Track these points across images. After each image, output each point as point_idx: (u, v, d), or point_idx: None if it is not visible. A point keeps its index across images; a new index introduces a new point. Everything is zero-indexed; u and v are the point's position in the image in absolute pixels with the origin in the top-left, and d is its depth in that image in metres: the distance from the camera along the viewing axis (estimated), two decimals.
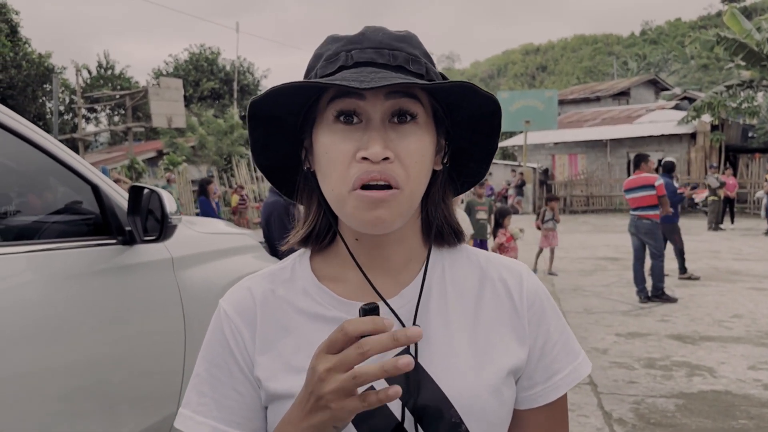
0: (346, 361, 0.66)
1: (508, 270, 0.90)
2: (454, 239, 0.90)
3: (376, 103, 0.77)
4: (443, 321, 0.84)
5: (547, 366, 0.87)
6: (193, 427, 0.84)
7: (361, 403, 0.66)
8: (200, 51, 34.72)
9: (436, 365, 0.80)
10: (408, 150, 0.77)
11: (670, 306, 7.49)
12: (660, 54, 63.46)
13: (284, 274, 0.90)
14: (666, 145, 24.16)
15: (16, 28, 22.55)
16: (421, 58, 0.82)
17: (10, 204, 2.20)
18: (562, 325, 0.90)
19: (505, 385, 0.83)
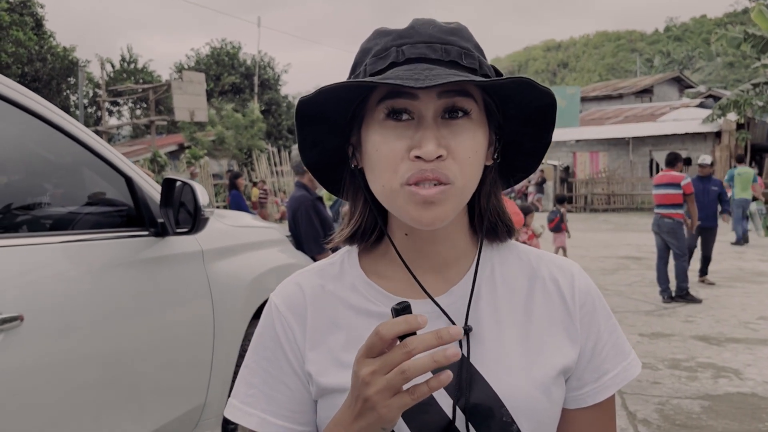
0: (391, 363, 0.66)
1: (559, 268, 0.89)
2: (505, 235, 0.89)
3: (428, 101, 0.76)
4: (494, 319, 0.84)
5: (597, 366, 0.86)
6: (242, 417, 0.85)
7: (410, 396, 0.66)
8: (221, 45, 34.92)
9: (488, 364, 0.80)
10: (461, 146, 0.76)
11: (695, 306, 7.39)
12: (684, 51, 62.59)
13: (333, 270, 0.91)
14: (690, 144, 23.83)
15: (41, 21, 22.85)
16: (474, 52, 0.80)
17: (45, 194, 2.23)
18: (612, 324, 0.89)
19: (556, 385, 0.82)
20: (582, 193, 23.96)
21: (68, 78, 24.56)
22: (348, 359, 0.80)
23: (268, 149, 23.78)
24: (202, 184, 17.24)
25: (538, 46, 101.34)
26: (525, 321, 0.84)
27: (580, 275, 0.89)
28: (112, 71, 30.90)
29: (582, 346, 0.86)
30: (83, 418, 1.96)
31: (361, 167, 0.83)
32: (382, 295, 0.85)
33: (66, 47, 23.94)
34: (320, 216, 3.92)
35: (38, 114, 2.00)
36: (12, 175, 2.16)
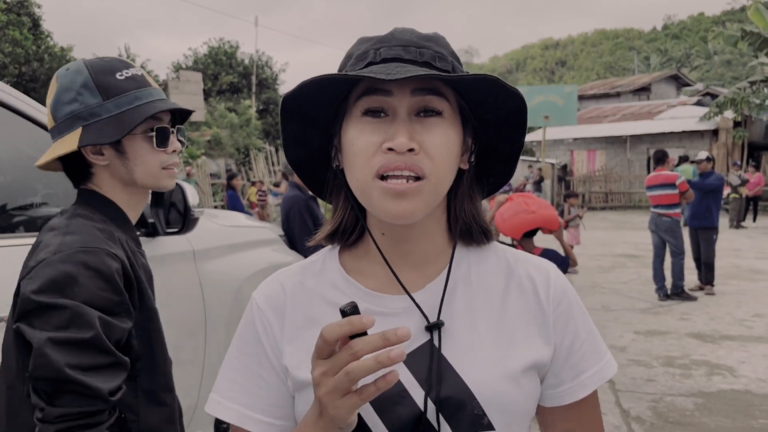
0: (338, 364, 0.67)
1: (536, 268, 0.91)
2: (482, 238, 0.91)
3: (402, 99, 0.79)
4: (468, 315, 0.85)
5: (574, 364, 0.88)
6: (222, 411, 0.87)
7: (359, 397, 0.67)
8: (219, 45, 34.88)
9: (460, 358, 0.82)
10: (433, 141, 0.79)
11: (690, 304, 7.41)
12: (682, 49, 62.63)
13: (314, 267, 0.93)
14: (687, 142, 23.86)
15: (38, 21, 22.83)
16: (448, 57, 0.84)
17: (36, 196, 2.24)
18: (589, 324, 0.91)
19: (527, 378, 0.84)
20: (580, 191, 23.94)
21: None
22: None
23: (265, 148, 23.77)
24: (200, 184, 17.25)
25: (536, 45, 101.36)
26: (499, 317, 0.86)
27: (556, 275, 0.91)
28: None
29: (557, 344, 0.87)
30: None
31: (342, 167, 0.86)
32: (361, 292, 0.87)
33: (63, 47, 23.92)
34: (313, 216, 3.93)
35: (27, 115, 2.01)
36: (5, 177, 2.16)
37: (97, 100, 1.30)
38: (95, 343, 1.11)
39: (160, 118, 1.37)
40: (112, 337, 1.16)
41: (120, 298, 1.20)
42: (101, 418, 1.10)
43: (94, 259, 1.18)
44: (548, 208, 4.37)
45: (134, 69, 1.37)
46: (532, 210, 4.16)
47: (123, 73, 1.34)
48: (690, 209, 8.15)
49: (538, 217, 4.13)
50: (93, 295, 1.14)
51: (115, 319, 1.17)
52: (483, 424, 0.80)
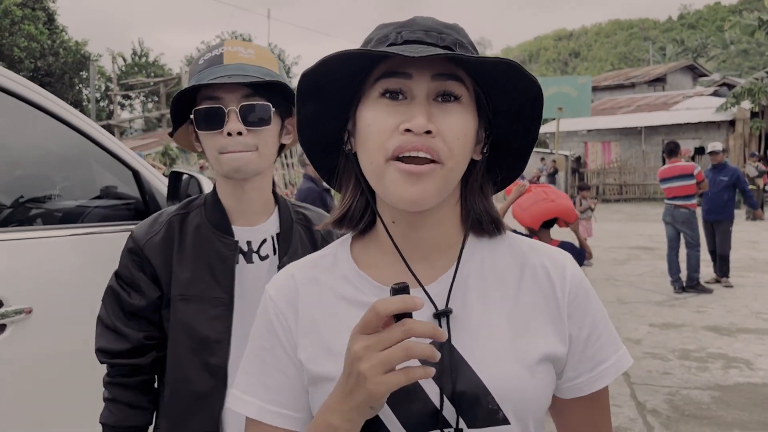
0: (388, 339, 0.68)
1: (551, 259, 0.90)
2: (493, 229, 0.90)
3: (422, 82, 0.78)
4: (481, 308, 0.84)
5: (592, 356, 0.87)
6: (242, 405, 0.88)
7: (405, 376, 0.68)
8: (232, 38, 34.96)
9: (474, 352, 0.81)
10: (451, 126, 0.78)
11: (706, 297, 7.36)
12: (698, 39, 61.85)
13: (326, 261, 0.92)
14: (703, 133, 23.60)
15: (53, 16, 22.99)
16: (468, 46, 0.84)
17: (54, 188, 2.26)
18: (604, 315, 0.90)
19: (541, 371, 0.83)
20: (594, 183, 23.79)
21: (80, 72, 24.72)
22: (338, 348, 0.81)
23: None
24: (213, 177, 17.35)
25: (549, 36, 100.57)
26: (513, 309, 0.85)
27: (572, 266, 0.90)
28: (123, 65, 31.05)
29: (574, 336, 0.86)
30: (91, 410, 1.99)
31: (355, 152, 0.85)
32: (373, 286, 0.86)
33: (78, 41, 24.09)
34: (327, 208, 3.93)
35: (46, 109, 2.03)
36: (22, 170, 2.19)
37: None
38: (103, 306, 1.39)
39: (215, 97, 1.28)
40: (124, 308, 1.35)
41: (130, 274, 1.35)
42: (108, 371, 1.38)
43: (128, 238, 1.38)
44: (567, 199, 4.34)
45: (218, 49, 1.32)
46: (552, 199, 4.13)
47: (204, 57, 1.33)
48: (707, 202, 8.07)
49: (558, 206, 4.10)
50: (120, 267, 1.38)
51: (125, 291, 1.36)
52: (498, 419, 0.79)
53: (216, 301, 1.31)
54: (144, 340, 1.34)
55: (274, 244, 1.39)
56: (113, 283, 1.38)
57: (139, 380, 1.36)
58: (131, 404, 1.36)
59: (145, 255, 1.34)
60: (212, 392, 1.30)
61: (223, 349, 1.30)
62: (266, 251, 1.37)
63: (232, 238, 1.34)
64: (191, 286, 1.31)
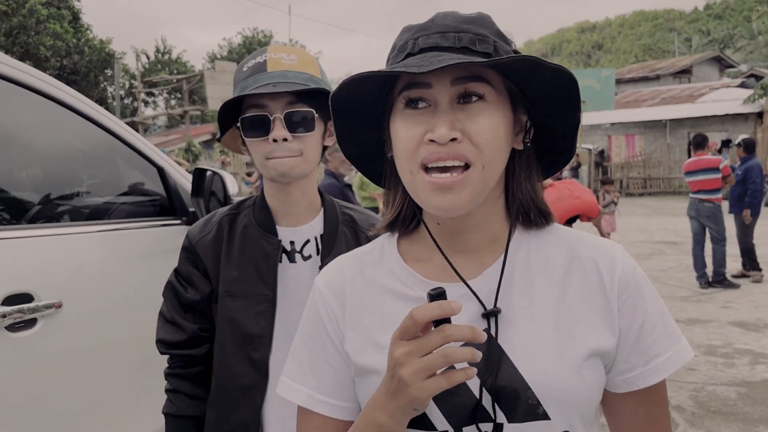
0: (427, 345, 0.70)
1: (601, 251, 0.88)
2: (541, 220, 0.89)
3: (442, 89, 0.79)
4: (526, 302, 0.84)
5: (646, 349, 0.85)
6: (291, 393, 0.91)
7: (447, 380, 0.70)
8: (253, 35, 35.16)
9: (516, 347, 0.81)
10: (476, 128, 0.78)
11: (733, 292, 7.24)
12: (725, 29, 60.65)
13: (373, 255, 0.95)
14: (730, 125, 23.17)
15: (78, 14, 23.32)
16: (490, 38, 0.81)
17: (82, 185, 2.31)
18: (661, 307, 0.88)
19: (588, 367, 0.82)
20: (617, 177, 23.50)
21: (105, 70, 25.05)
22: (384, 341, 0.83)
23: None
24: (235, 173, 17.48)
25: (571, 28, 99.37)
26: (559, 303, 0.84)
27: (623, 258, 0.87)
28: (147, 62, 31.39)
29: (625, 329, 0.84)
30: (122, 401, 2.04)
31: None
32: (418, 280, 0.88)
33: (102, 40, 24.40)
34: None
35: (74, 108, 2.07)
36: (52, 168, 2.23)
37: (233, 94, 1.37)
38: (164, 300, 1.47)
39: (261, 105, 1.32)
40: (181, 302, 1.43)
41: (185, 270, 1.43)
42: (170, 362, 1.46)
43: (185, 237, 1.46)
44: (591, 194, 4.33)
45: (261, 56, 1.36)
46: (577, 195, 4.11)
47: (248, 64, 1.37)
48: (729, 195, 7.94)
49: (583, 203, 4.08)
50: (178, 263, 1.46)
51: (182, 286, 1.43)
52: (538, 414, 0.79)
53: (260, 297, 1.36)
54: (198, 331, 1.42)
55: (317, 244, 1.41)
56: (172, 278, 1.46)
57: (195, 371, 1.43)
58: (190, 394, 1.43)
59: (197, 252, 1.41)
60: (255, 385, 1.35)
61: (265, 344, 1.35)
62: (309, 251, 1.41)
63: (275, 237, 1.39)
64: (237, 283, 1.37)
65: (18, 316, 1.70)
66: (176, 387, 1.43)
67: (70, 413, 1.86)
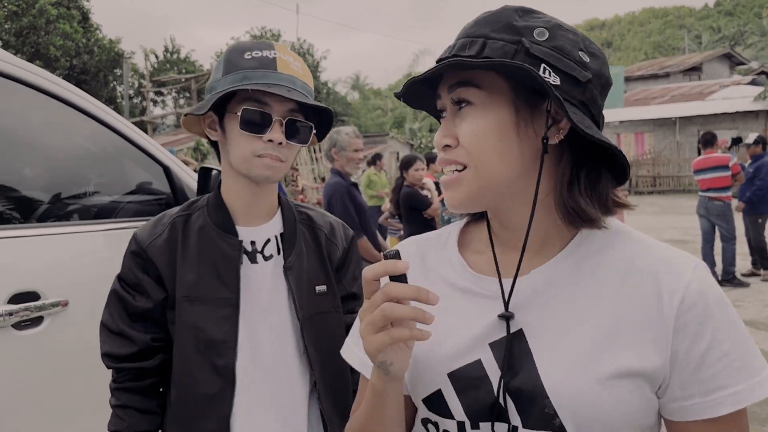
0: (374, 303, 0.75)
1: (668, 264, 0.81)
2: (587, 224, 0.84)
3: (445, 98, 0.85)
4: (565, 310, 0.81)
5: (707, 378, 0.78)
6: (349, 356, 0.98)
7: (389, 336, 0.75)
8: (261, 34, 35.21)
9: (543, 352, 0.80)
10: (462, 132, 0.82)
11: (743, 291, 7.20)
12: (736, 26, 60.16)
13: (440, 240, 0.99)
14: (741, 123, 23.00)
15: (87, 14, 23.43)
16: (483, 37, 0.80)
17: (89, 184, 2.32)
18: (737, 336, 0.79)
19: (620, 386, 0.77)
20: None
21: (114, 70, 25.16)
22: None
23: None
24: None
25: (580, 26, 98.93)
26: (602, 314, 0.80)
27: (695, 275, 0.80)
28: (155, 62, 31.52)
29: (679, 353, 0.78)
30: None
31: None
32: (466, 271, 0.91)
33: (112, 39, 24.51)
34: (355, 202, 3.95)
35: (82, 108, 2.08)
36: (59, 167, 2.25)
37: (218, 75, 1.32)
38: (107, 311, 1.38)
39: (263, 102, 1.29)
40: (129, 311, 1.35)
41: (134, 276, 1.34)
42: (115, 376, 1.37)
43: (130, 240, 1.38)
44: None
45: (269, 51, 1.32)
46: None
47: (252, 53, 1.31)
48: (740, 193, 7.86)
49: None
50: (123, 270, 1.37)
51: (129, 294, 1.35)
52: (554, 425, 0.77)
53: (222, 301, 1.30)
54: (151, 342, 1.34)
55: (278, 243, 1.39)
56: (117, 287, 1.37)
57: (147, 384, 1.35)
58: (141, 409, 1.34)
59: (148, 257, 1.33)
60: (221, 393, 1.29)
61: (230, 349, 1.29)
62: (270, 251, 1.37)
63: (236, 237, 1.34)
64: (197, 287, 1.31)
65: (24, 315, 1.71)
66: (125, 402, 1.34)
67: (76, 411, 1.88)
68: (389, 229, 7.07)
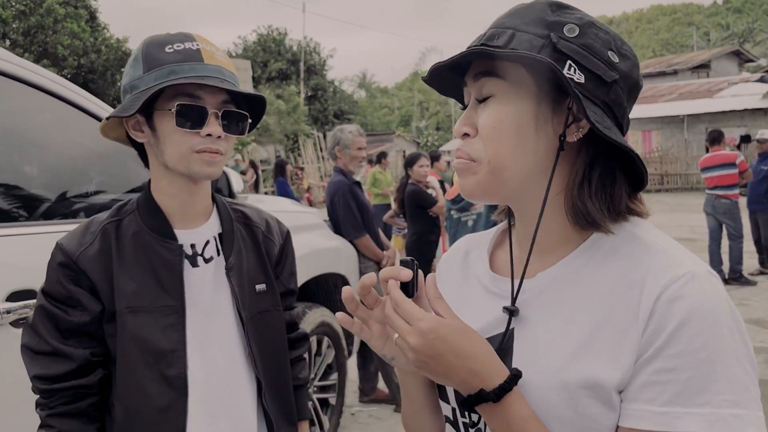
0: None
1: (659, 271, 0.76)
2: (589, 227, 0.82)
3: (471, 86, 0.85)
4: (554, 314, 0.81)
5: (638, 387, 0.73)
6: None
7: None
8: (268, 32, 35.26)
9: (524, 355, 0.81)
10: (481, 124, 0.82)
11: (750, 289, 7.16)
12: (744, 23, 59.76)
13: (485, 239, 1.01)
14: (749, 120, 22.85)
15: (95, 13, 23.52)
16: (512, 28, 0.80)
17: (91, 183, 2.33)
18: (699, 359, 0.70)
19: (587, 396, 0.74)
20: None
21: (122, 69, 25.25)
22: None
23: (314, 134, 23.97)
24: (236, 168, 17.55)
25: None
26: (586, 323, 0.78)
27: (682, 283, 0.73)
28: None
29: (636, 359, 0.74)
30: None
31: None
32: (486, 271, 0.94)
33: (119, 38, 24.60)
34: (358, 201, 3.94)
35: (84, 108, 2.09)
36: (60, 165, 2.26)
37: (139, 73, 1.24)
38: (30, 331, 1.26)
39: (195, 96, 1.23)
40: (61, 327, 1.24)
41: (64, 290, 1.24)
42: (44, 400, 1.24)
43: (55, 251, 1.27)
44: None
45: (191, 43, 1.25)
46: None
47: (174, 47, 1.24)
48: (750, 192, 7.80)
49: None
50: (49, 285, 1.26)
51: (60, 309, 1.24)
52: None
53: (167, 309, 1.25)
54: (90, 357, 1.25)
55: (217, 244, 1.34)
56: (43, 302, 1.25)
57: (87, 404, 1.25)
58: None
59: (80, 268, 1.24)
60: (173, 405, 1.23)
61: (179, 358, 1.24)
62: (210, 253, 1.33)
63: (175, 242, 1.28)
64: (138, 297, 1.24)
65: (23, 312, 1.72)
66: (61, 429, 1.22)
67: None
68: (394, 228, 7.06)
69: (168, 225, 1.30)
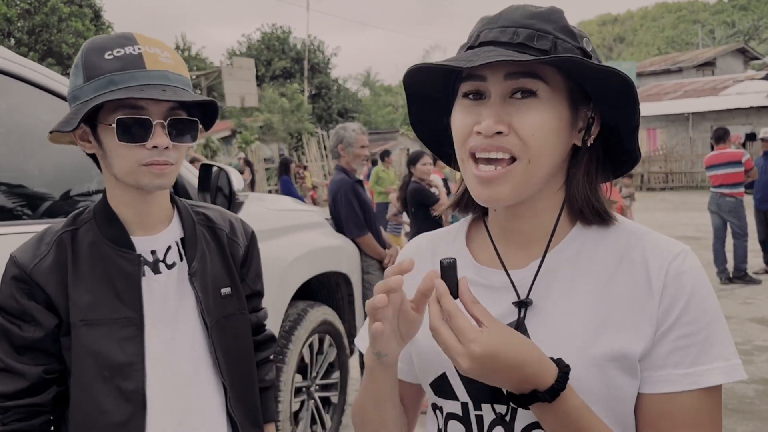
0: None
1: (656, 249, 0.85)
2: (596, 219, 0.89)
3: (495, 83, 0.82)
4: (564, 298, 0.85)
5: (663, 355, 0.81)
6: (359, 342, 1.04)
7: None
8: (272, 30, 35.26)
9: (542, 339, 0.82)
10: (524, 122, 0.81)
11: (754, 288, 7.13)
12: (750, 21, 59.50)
13: (449, 236, 1.02)
14: (755, 118, 22.74)
15: (99, 12, 23.56)
16: (552, 34, 0.82)
17: (91, 182, 2.33)
18: (706, 322, 0.82)
19: (614, 367, 0.80)
20: (638, 171, 23.20)
21: None
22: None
23: (317, 133, 23.98)
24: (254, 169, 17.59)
25: (592, 21, 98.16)
26: (598, 302, 0.84)
27: (679, 258, 0.84)
28: None
29: (660, 320, 0.81)
30: None
31: None
32: (471, 265, 0.94)
33: None
34: (359, 199, 3.94)
35: None
36: (61, 164, 2.26)
37: (79, 82, 1.18)
38: None
39: (138, 107, 1.16)
40: (15, 343, 1.20)
41: (18, 304, 1.20)
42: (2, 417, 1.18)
43: (8, 264, 1.23)
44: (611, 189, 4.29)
45: (132, 47, 1.17)
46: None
47: (113, 52, 1.16)
48: (758, 191, 7.75)
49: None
50: (2, 299, 1.21)
51: (14, 324, 1.20)
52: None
53: (123, 321, 1.20)
54: (43, 374, 1.20)
55: (179, 250, 1.30)
56: None
57: (41, 422, 1.21)
58: None
59: (34, 281, 1.19)
60: (131, 420, 1.19)
61: (137, 372, 1.20)
62: (173, 259, 1.29)
63: (133, 251, 1.24)
64: (93, 309, 1.20)
65: None
66: None
67: None
68: (389, 224, 7.05)
69: (125, 234, 1.25)
